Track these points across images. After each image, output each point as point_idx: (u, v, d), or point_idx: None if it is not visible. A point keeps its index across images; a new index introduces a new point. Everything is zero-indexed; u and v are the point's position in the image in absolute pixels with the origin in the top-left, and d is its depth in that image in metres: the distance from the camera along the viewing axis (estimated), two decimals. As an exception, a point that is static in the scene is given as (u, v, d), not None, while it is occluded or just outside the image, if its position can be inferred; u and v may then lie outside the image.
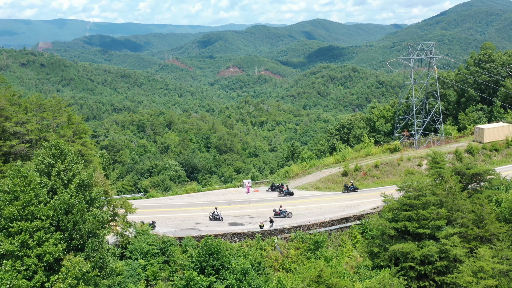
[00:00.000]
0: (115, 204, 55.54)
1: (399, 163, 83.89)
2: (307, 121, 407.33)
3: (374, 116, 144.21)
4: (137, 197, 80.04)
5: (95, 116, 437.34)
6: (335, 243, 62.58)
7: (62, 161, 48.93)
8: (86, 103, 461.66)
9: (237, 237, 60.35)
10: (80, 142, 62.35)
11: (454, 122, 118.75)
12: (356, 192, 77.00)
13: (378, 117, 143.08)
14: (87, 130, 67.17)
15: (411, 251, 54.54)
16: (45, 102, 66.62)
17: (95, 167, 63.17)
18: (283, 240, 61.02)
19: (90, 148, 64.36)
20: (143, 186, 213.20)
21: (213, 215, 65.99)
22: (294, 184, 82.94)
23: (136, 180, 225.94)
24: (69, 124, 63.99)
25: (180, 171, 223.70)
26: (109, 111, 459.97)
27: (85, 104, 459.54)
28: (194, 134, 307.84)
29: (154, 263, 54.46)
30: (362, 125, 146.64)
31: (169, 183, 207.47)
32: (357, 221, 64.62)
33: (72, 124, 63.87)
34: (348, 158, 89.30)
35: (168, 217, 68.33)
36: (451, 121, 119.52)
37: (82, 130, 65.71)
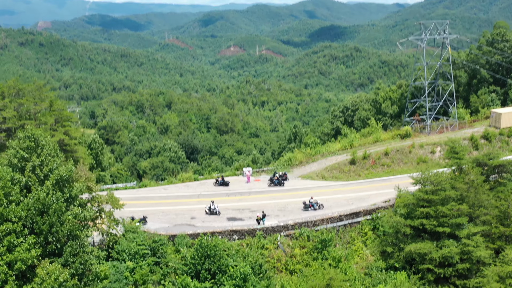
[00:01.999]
0: (100, 201, 49.89)
1: (411, 150, 78.08)
2: (309, 100, 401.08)
3: (379, 98, 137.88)
4: (129, 187, 74.36)
5: (94, 96, 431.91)
6: (344, 240, 57.11)
7: (37, 155, 43.34)
8: (86, 83, 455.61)
9: (236, 234, 54.86)
10: (62, 130, 56.52)
11: (465, 105, 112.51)
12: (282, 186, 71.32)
13: (384, 99, 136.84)
14: (71, 117, 61.26)
15: (429, 251, 49.27)
16: (25, 87, 60.62)
17: (79, 159, 57.60)
18: (287, 237, 55.56)
19: (74, 137, 58.47)
20: (141, 167, 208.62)
21: (210, 209, 60.47)
22: (298, 172, 77.24)
23: (135, 161, 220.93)
24: (50, 110, 58.07)
25: (179, 152, 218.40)
26: (108, 90, 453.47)
27: (84, 83, 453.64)
28: (194, 115, 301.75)
29: (144, 266, 49.01)
30: (368, 107, 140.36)
31: (168, 165, 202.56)
32: (368, 215, 59.08)
33: (54, 111, 57.96)
34: (356, 144, 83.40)
35: (161, 210, 62.78)
36: (462, 103, 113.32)
37: (65, 117, 59.75)
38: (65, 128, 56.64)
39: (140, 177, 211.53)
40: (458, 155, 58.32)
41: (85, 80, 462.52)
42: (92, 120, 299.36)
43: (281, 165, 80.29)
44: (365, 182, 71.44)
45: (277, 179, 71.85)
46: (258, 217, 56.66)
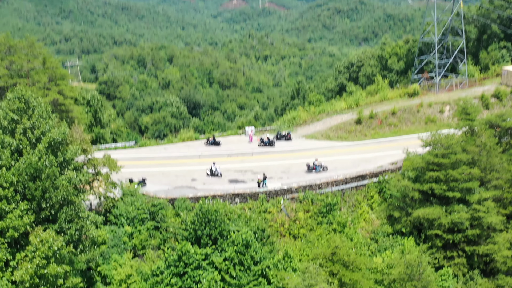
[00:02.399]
0: (97, 163, 47.90)
1: (419, 109, 75.51)
2: (312, 55, 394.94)
3: (386, 54, 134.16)
4: (129, 146, 72.39)
5: (95, 49, 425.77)
6: (349, 203, 55.35)
7: (28, 117, 41.08)
8: (86, 36, 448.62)
9: (238, 197, 53.08)
10: (56, 89, 53.93)
11: (475, 61, 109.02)
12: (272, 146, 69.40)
13: (390, 55, 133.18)
14: (66, 75, 58.49)
15: (438, 217, 47.40)
16: (16, 43, 57.63)
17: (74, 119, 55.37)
18: (290, 201, 53.78)
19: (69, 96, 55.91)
20: (143, 123, 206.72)
21: (211, 171, 58.55)
22: (302, 132, 75.02)
23: (137, 116, 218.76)
24: (44, 68, 55.31)
25: (181, 108, 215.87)
26: (109, 44, 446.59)
27: (85, 37, 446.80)
28: (196, 69, 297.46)
29: (143, 230, 47.48)
30: (373, 63, 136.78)
31: (170, 120, 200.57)
32: (374, 178, 57.09)
33: (47, 69, 55.18)
34: (362, 103, 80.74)
35: (162, 171, 60.92)
36: (471, 60, 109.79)
37: (60, 75, 56.98)
38: (59, 87, 53.99)
39: (142, 132, 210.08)
40: (469, 116, 55.80)
41: (85, 33, 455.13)
42: (93, 75, 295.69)
43: (285, 124, 78.03)
44: (371, 142, 69.27)
45: (268, 139, 69.88)
46: (259, 180, 54.75)
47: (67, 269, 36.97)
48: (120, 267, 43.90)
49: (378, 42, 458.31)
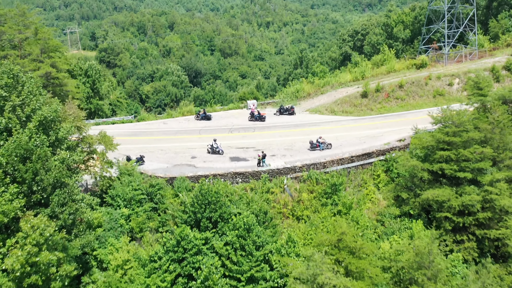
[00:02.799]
0: (92, 141, 45.70)
1: (427, 82, 72.80)
2: (315, 21, 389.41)
3: (391, 21, 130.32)
4: (127, 120, 70.19)
5: (95, 15, 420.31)
6: (355, 182, 53.25)
7: (18, 93, 38.76)
8: (86, 2, 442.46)
9: (240, 177, 51.02)
10: (49, 62, 51.27)
11: (484, 31, 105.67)
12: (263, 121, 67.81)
13: (396, 23, 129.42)
14: (59, 46, 55.72)
15: (447, 199, 45.23)
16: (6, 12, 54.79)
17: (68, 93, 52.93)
18: (294, 180, 51.72)
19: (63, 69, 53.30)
20: (144, 92, 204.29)
21: (212, 148, 56.40)
22: (306, 105, 72.62)
23: (137, 85, 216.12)
24: (36, 39, 52.56)
25: (182, 76, 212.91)
26: (109, 10, 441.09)
27: (84, 2, 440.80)
28: (198, 36, 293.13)
29: (140, 212, 45.58)
30: (378, 31, 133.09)
31: (171, 89, 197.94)
32: (381, 156, 54.89)
33: (39, 40, 52.43)
34: (368, 75, 78.02)
35: (160, 148, 58.80)
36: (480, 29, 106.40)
37: (53, 46, 54.24)
38: (52, 60, 51.39)
39: (143, 101, 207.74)
40: (482, 91, 53.21)
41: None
42: (93, 42, 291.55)
43: (288, 97, 75.57)
44: (378, 117, 66.86)
45: (258, 113, 67.72)
46: (259, 157, 52.59)
47: (60, 256, 35.12)
48: (116, 251, 42.12)
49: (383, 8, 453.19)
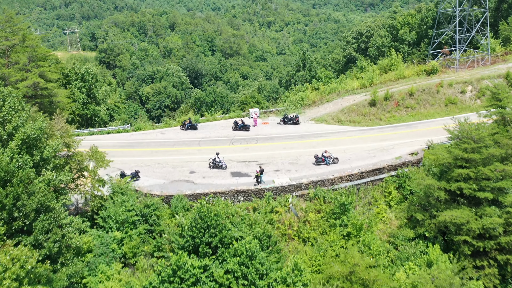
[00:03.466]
0: (82, 159, 42.23)
1: (439, 89, 69.15)
2: (317, 21, 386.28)
3: (397, 23, 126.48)
4: (122, 130, 66.71)
5: (96, 15, 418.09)
6: (365, 200, 49.70)
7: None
8: (87, 1, 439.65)
9: (242, 195, 47.51)
10: (37, 72, 47.66)
11: (493, 33, 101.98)
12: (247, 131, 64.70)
13: (401, 24, 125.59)
14: (48, 54, 52.12)
15: (466, 221, 41.70)
16: (-8, 17, 51.38)
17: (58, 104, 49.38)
18: (300, 198, 48.20)
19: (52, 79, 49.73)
20: (144, 93, 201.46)
21: (214, 162, 52.83)
22: (311, 114, 69.11)
23: (137, 86, 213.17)
24: (23, 47, 48.97)
25: (183, 78, 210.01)
26: (110, 9, 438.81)
27: (85, 2, 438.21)
28: (199, 37, 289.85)
29: (134, 235, 42.11)
30: (383, 33, 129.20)
31: (171, 91, 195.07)
32: (392, 171, 51.32)
33: (27, 48, 48.85)
34: (376, 82, 74.39)
35: (157, 161, 55.33)
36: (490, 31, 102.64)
37: (41, 55, 50.62)
38: (40, 69, 47.80)
39: (143, 103, 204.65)
40: (501, 103, 49.71)
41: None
42: (93, 43, 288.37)
43: (292, 105, 72.06)
44: (388, 128, 63.26)
45: (242, 123, 64.49)
46: (257, 173, 49.05)
47: (43, 290, 31.85)
48: (107, 279, 38.70)
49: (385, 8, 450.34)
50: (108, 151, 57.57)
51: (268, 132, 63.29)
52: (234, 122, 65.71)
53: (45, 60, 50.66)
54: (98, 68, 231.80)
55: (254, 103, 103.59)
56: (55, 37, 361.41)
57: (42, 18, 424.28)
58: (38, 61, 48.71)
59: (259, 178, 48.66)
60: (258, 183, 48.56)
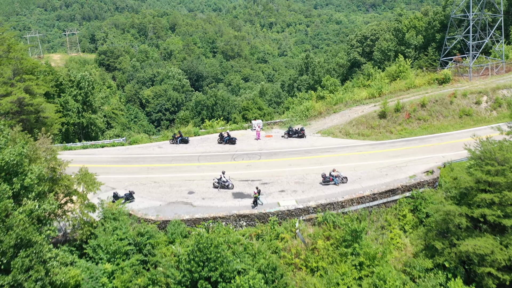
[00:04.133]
0: (69, 183, 38.51)
1: (452, 100, 65.27)
2: (319, 22, 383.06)
3: (403, 26, 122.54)
4: (118, 143, 62.94)
5: (97, 15, 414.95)
6: (377, 224, 46.00)
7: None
8: (87, 2, 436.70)
9: (244, 220, 43.81)
10: (22, 86, 43.82)
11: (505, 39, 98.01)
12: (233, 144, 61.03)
13: (408, 28, 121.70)
14: (36, 66, 48.26)
15: (491, 251, 37.95)
16: (-27, 27, 47.59)
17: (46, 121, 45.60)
18: (307, 223, 44.49)
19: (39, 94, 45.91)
20: (144, 96, 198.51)
21: (220, 182, 49.00)
22: (317, 126, 65.33)
23: (137, 89, 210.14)
24: (8, 59, 45.16)
25: (183, 80, 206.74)
26: (111, 10, 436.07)
27: (86, 2, 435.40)
28: (200, 38, 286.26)
29: (126, 267, 38.34)
30: (389, 37, 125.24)
31: (172, 94, 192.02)
32: (406, 192, 47.60)
33: (11, 60, 45.03)
34: (385, 91, 70.47)
35: (153, 179, 51.61)
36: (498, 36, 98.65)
37: (27, 68, 46.74)
38: (26, 83, 43.96)
39: (143, 106, 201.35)
40: (524, 119, 46.02)
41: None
42: (93, 44, 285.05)
43: (297, 116, 68.29)
44: (399, 142, 59.36)
45: (228, 135, 61.43)
46: (255, 194, 45.36)
47: None
48: (96, 319, 35.05)
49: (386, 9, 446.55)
50: (102, 167, 54.39)
51: (272, 147, 59.50)
52: (219, 135, 62.10)
53: (33, 72, 46.84)
54: (98, 70, 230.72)
55: (256, 109, 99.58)
56: (55, 38, 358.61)
57: (42, 19, 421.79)
58: (23, 74, 44.91)
59: (257, 200, 45.10)
60: (256, 205, 44.97)
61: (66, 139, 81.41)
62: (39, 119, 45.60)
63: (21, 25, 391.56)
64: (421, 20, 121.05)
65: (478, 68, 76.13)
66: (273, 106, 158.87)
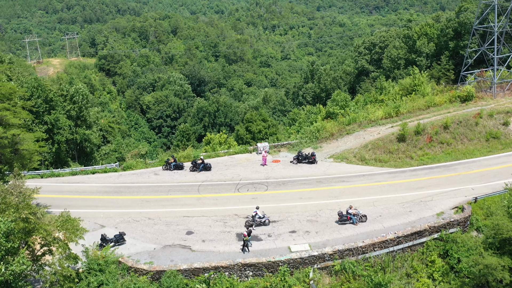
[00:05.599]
0: (46, 234, 32.78)
1: (478, 121, 59.43)
2: (322, 24, 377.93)
3: (413, 34, 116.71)
4: (110, 169, 57.27)
5: (98, 18, 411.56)
6: (402, 271, 40.26)
7: None
8: (89, 4, 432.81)
9: (251, 269, 38.05)
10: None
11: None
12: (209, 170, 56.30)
13: (418, 35, 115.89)
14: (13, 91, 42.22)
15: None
16: None
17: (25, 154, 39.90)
18: (322, 272, 38.75)
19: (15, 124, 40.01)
20: (145, 102, 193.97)
21: (254, 220, 43.26)
22: (329, 150, 59.63)
23: (138, 95, 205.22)
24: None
25: (185, 86, 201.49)
26: (112, 13, 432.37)
27: (87, 5, 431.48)
28: (201, 42, 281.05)
29: (112, 334, 32.71)
30: (399, 45, 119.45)
31: (173, 100, 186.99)
32: (434, 233, 41.88)
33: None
34: (403, 111, 64.55)
35: (148, 215, 45.94)
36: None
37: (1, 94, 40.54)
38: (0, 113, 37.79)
39: (144, 112, 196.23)
40: None
41: (88, 1, 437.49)
42: (93, 48, 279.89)
43: (306, 138, 62.57)
44: (422, 170, 53.42)
45: (202, 162, 56.19)
46: (245, 237, 39.76)
47: None
48: None
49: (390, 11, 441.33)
50: (91, 199, 49.14)
51: (280, 175, 53.70)
52: (192, 163, 56.53)
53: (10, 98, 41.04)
54: (98, 75, 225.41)
55: (260, 121, 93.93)
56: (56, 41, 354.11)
57: (43, 22, 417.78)
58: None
59: (246, 243, 39.58)
60: (245, 247, 39.54)
61: (58, 158, 75.96)
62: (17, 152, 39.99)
63: (22, 28, 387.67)
64: (432, 27, 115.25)
65: (503, 84, 70.21)
66: (277, 115, 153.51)
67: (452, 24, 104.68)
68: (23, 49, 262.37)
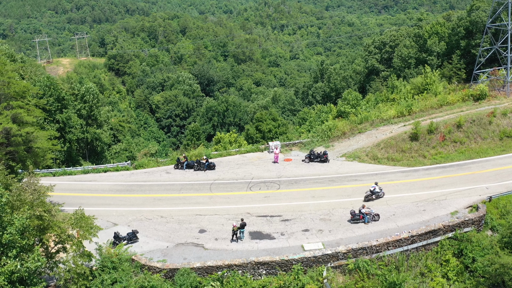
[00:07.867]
0: (61, 231, 32.81)
1: (491, 120, 58.97)
2: (331, 24, 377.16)
3: (424, 33, 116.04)
4: (122, 167, 57.32)
5: (107, 18, 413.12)
6: (415, 270, 39.98)
7: None
8: (98, 4, 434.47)
9: (264, 267, 37.92)
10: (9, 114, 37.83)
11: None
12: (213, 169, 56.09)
13: (429, 34, 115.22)
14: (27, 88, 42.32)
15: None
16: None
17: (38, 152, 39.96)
18: (336, 270, 38.55)
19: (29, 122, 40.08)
20: (154, 101, 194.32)
21: (374, 191, 47.02)
22: (341, 148, 59.36)
23: (147, 94, 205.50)
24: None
25: (194, 85, 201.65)
26: (121, 13, 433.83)
27: (96, 5, 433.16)
28: (210, 41, 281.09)
29: (126, 332, 32.68)
30: (409, 44, 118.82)
31: (182, 99, 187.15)
32: (449, 233, 41.57)
33: (-4, 82, 39.14)
34: (416, 109, 64.16)
35: (160, 213, 45.92)
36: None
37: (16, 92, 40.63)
38: (14, 111, 38.11)
39: (153, 112, 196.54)
40: None
41: (97, 1, 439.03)
42: (102, 48, 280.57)
43: (318, 136, 62.36)
44: (435, 169, 53.08)
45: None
46: (234, 228, 40.17)
47: None
48: None
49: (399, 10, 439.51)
50: (103, 197, 49.12)
51: (292, 173, 53.53)
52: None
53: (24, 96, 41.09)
54: (107, 75, 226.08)
55: (270, 120, 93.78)
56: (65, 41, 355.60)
57: (53, 22, 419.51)
58: (11, 100, 39.11)
59: (238, 234, 39.79)
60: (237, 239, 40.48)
61: (69, 157, 76.17)
62: (30, 150, 40.05)
63: (32, 28, 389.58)
64: (443, 25, 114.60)
65: (516, 83, 69.78)
66: (287, 114, 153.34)
67: (464, 23, 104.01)
68: (33, 49, 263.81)
